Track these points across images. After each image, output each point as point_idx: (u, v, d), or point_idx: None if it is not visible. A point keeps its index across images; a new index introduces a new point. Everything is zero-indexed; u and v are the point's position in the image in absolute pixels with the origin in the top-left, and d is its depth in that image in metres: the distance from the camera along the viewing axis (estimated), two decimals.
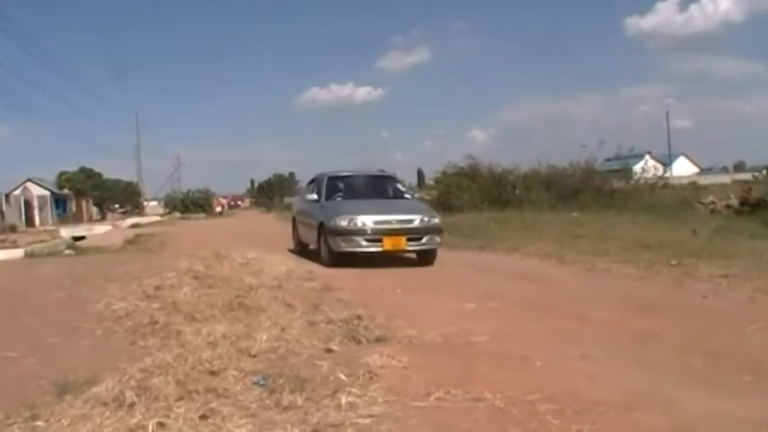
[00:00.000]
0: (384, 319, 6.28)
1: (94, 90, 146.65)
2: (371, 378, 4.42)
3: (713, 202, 18.91)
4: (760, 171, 41.48)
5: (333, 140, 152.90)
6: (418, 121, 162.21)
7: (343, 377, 4.38)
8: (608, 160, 29.34)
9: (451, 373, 4.63)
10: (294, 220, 15.64)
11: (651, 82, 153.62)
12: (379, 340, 5.59)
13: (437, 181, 30.04)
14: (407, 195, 14.04)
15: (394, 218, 11.74)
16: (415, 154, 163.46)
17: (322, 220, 12.20)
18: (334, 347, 5.32)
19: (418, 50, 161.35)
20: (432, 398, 4.06)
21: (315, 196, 13.44)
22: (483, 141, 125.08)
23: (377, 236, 11.43)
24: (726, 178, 50.40)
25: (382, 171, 16.17)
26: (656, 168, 28.83)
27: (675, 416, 3.82)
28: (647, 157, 37.99)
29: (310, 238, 13.50)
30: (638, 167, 28.40)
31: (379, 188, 14.04)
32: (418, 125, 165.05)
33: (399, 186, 14.39)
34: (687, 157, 75.47)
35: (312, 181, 15.03)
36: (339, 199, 13.07)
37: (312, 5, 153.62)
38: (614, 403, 4.00)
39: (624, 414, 3.84)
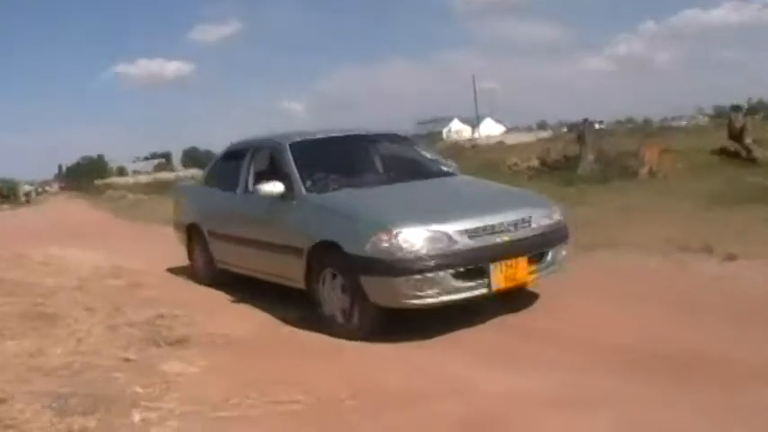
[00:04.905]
0: (189, 317, 6.14)
1: None
2: (168, 388, 4.34)
3: (516, 164, 19.63)
4: (561, 129, 44.23)
5: (144, 118, 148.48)
6: (232, 94, 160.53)
7: (139, 390, 4.27)
8: (419, 124, 30.23)
9: (255, 373, 4.63)
10: (192, 228, 8.47)
11: (461, 46, 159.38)
12: (180, 341, 5.44)
13: None
14: (447, 168, 7.41)
15: (498, 220, 5.60)
16: (229, 128, 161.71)
17: (329, 238, 5.71)
18: (132, 356, 5.11)
19: (229, 22, 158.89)
20: (229, 404, 4.05)
21: (276, 187, 6.39)
22: (299, 112, 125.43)
23: (478, 262, 5.36)
24: (530, 137, 53.14)
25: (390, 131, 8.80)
26: (457, 134, 29.93)
27: (473, 400, 3.99)
28: (455, 120, 39.46)
29: (264, 268, 6.93)
30: (446, 130, 29.46)
31: (394, 163, 7.44)
32: (232, 98, 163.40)
33: (425, 154, 7.85)
34: (494, 118, 78.79)
35: (235, 154, 7.95)
36: (342, 189, 6.36)
37: None
38: (414, 392, 4.15)
39: (425, 403, 3.98)
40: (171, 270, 9.06)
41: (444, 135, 27.70)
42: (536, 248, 5.73)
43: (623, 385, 4.03)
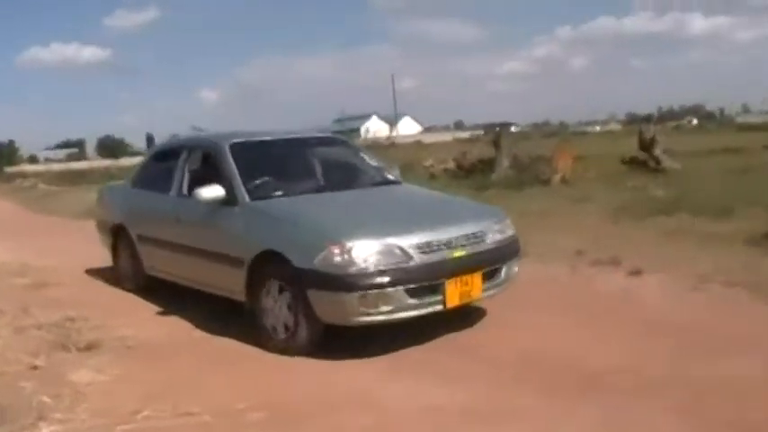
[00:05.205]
0: (100, 319, 6.04)
1: None
2: (77, 398, 4.25)
3: (432, 166, 19.59)
4: (479, 130, 44.91)
5: (58, 104, 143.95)
6: (148, 82, 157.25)
7: (47, 400, 4.18)
8: (337, 121, 30.27)
9: (167, 382, 4.58)
10: (118, 230, 7.84)
11: (381, 43, 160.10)
12: (90, 347, 5.33)
13: None
14: (392, 176, 7.00)
15: (452, 234, 5.32)
16: (145, 117, 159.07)
17: (275, 248, 5.28)
18: (40, 363, 4.97)
19: (147, 8, 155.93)
20: (139, 417, 3.98)
21: (216, 191, 5.89)
22: (216, 102, 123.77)
23: (432, 279, 5.10)
24: (447, 136, 53.75)
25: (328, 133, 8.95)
26: (375, 132, 30.15)
27: (382, 415, 3.99)
28: (373, 117, 39.61)
29: (200, 277, 6.38)
30: (364, 128, 29.61)
31: (340, 169, 7.14)
32: (149, 86, 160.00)
33: (370, 160, 7.36)
34: (412, 117, 79.25)
35: (169, 154, 7.55)
36: (288, 196, 5.99)
37: None
38: (323, 405, 4.14)
39: (331, 416, 3.98)
40: (85, 270, 8.77)
41: (362, 133, 27.74)
42: (490, 264, 5.49)
43: (532, 399, 4.13)
